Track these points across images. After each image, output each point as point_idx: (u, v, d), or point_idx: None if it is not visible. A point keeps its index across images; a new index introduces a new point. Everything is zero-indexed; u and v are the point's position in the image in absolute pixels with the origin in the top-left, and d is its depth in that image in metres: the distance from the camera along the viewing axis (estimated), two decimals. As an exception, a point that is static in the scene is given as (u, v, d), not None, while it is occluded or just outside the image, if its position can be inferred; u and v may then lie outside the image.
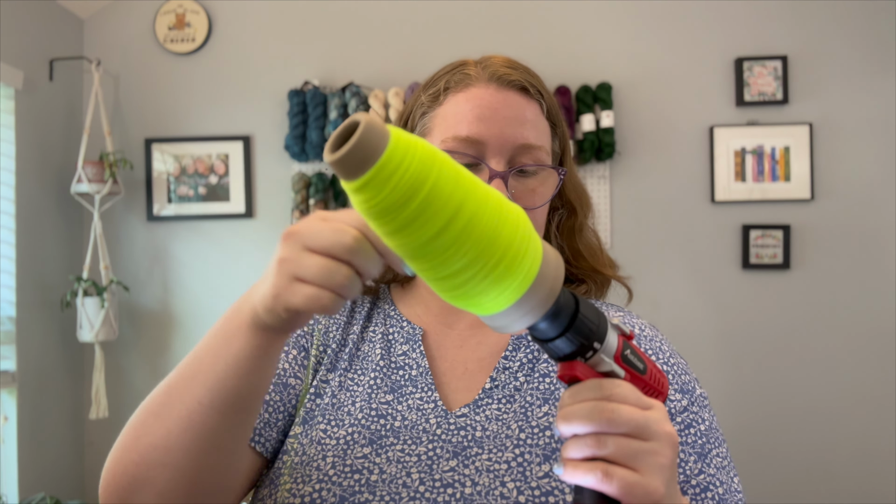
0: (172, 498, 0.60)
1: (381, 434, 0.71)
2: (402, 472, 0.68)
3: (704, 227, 2.62)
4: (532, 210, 0.75)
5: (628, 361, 0.52)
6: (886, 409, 2.54)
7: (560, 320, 0.48)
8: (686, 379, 0.76)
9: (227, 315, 0.59)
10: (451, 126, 0.76)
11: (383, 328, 0.81)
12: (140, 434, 0.60)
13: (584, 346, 0.49)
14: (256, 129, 2.71)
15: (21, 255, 2.34)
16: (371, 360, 0.78)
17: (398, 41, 2.70)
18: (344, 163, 0.40)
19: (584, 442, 0.48)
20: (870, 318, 2.56)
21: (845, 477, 2.54)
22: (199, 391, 0.58)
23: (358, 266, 0.49)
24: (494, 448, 0.69)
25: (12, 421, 2.28)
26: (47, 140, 2.52)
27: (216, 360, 0.57)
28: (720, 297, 2.61)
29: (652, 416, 0.49)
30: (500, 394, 0.73)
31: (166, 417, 0.59)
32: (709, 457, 0.71)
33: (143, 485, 0.60)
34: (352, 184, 0.41)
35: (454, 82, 0.81)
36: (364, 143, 0.39)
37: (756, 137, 2.59)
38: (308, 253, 0.49)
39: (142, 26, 2.73)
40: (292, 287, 0.50)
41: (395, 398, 0.74)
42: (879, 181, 2.56)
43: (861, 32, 2.58)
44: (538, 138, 0.76)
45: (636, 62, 2.64)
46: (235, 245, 2.71)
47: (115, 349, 2.67)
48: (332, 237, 0.49)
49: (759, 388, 2.58)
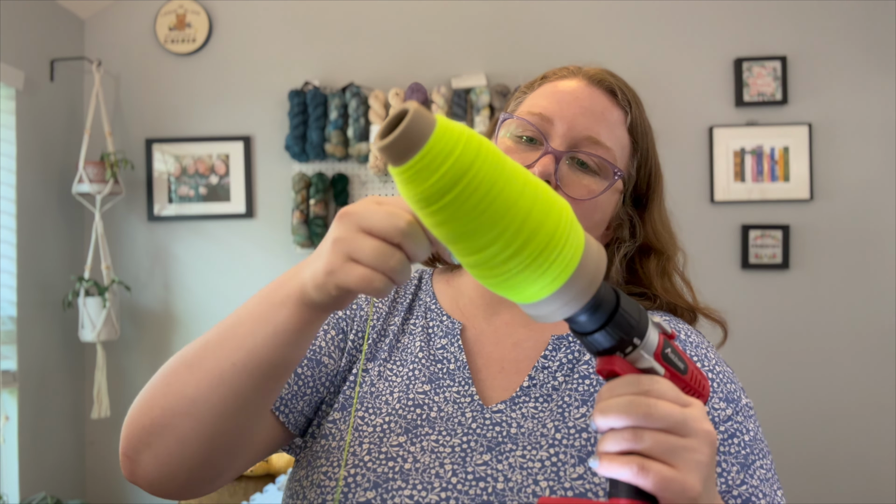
0: (190, 447, 0.62)
1: (416, 423, 0.71)
2: (436, 462, 0.68)
3: (704, 227, 2.62)
4: (577, 202, 0.74)
5: (668, 360, 0.51)
6: (886, 409, 2.54)
7: (600, 313, 0.48)
8: (731, 388, 0.74)
9: (271, 286, 0.60)
10: (531, 104, 0.78)
11: (424, 321, 0.81)
12: (171, 381, 0.62)
13: (624, 341, 0.48)
14: (257, 130, 2.72)
15: (22, 255, 2.34)
16: (410, 353, 0.78)
17: (398, 41, 2.70)
18: (392, 148, 0.41)
19: (620, 436, 0.48)
20: (869, 318, 2.56)
21: (845, 477, 2.54)
22: (234, 353, 0.60)
23: (409, 250, 0.51)
24: (529, 446, 0.68)
25: (13, 421, 2.29)
26: (48, 140, 2.53)
27: (256, 326, 0.59)
28: (719, 297, 2.58)
29: (690, 413, 0.49)
30: (537, 392, 0.73)
31: (198, 371, 0.61)
32: (752, 468, 0.69)
33: (165, 429, 0.61)
34: (399, 169, 0.42)
35: (552, 74, 0.82)
36: (411, 129, 0.41)
37: (755, 138, 2.59)
38: (363, 234, 0.51)
39: (142, 27, 2.74)
40: (346, 266, 0.51)
41: (432, 389, 0.74)
42: (879, 181, 2.57)
43: (861, 33, 2.58)
44: (609, 139, 0.76)
45: (636, 62, 2.64)
46: (236, 245, 2.71)
47: (116, 349, 2.68)
48: (387, 220, 0.50)
49: (758, 387, 2.58)
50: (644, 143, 0.81)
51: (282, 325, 0.58)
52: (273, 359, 0.59)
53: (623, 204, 0.81)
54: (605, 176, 0.76)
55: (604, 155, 0.75)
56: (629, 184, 0.80)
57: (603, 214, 0.78)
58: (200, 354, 0.62)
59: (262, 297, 0.60)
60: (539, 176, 0.72)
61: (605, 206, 0.78)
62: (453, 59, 2.66)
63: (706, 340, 0.81)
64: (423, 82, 2.62)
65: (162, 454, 0.62)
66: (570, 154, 0.74)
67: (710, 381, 0.73)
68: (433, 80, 2.64)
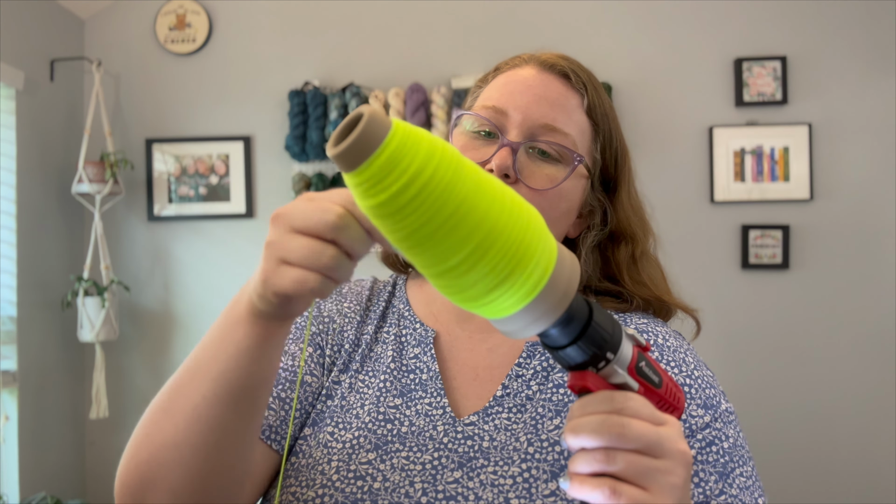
0: (184, 496, 0.59)
1: (387, 440, 0.70)
2: (406, 480, 0.67)
3: (704, 227, 2.62)
4: (540, 192, 0.71)
5: (643, 374, 0.49)
6: (886, 409, 2.54)
7: (572, 327, 0.45)
8: (711, 393, 0.71)
9: (227, 308, 0.58)
10: (485, 98, 0.76)
11: (397, 329, 0.79)
12: (150, 432, 0.60)
13: (597, 356, 0.46)
14: (257, 130, 2.72)
15: (22, 255, 2.34)
16: (382, 362, 0.76)
17: (398, 41, 2.70)
18: (344, 157, 0.39)
19: (592, 456, 0.46)
20: (869, 318, 2.56)
21: (845, 477, 2.54)
22: (203, 385, 0.57)
23: (344, 245, 0.48)
24: (501, 461, 0.67)
25: (13, 421, 2.29)
26: (48, 140, 2.53)
27: (218, 352, 0.57)
28: (719, 298, 2.61)
29: (665, 432, 0.47)
30: (510, 402, 0.71)
31: (173, 413, 0.59)
32: (731, 476, 0.67)
33: (155, 483, 0.59)
34: (351, 177, 0.40)
35: (505, 65, 0.80)
36: (365, 135, 0.39)
37: (755, 138, 2.59)
38: (293, 234, 0.48)
39: (142, 27, 2.74)
40: (279, 271, 0.49)
41: (403, 402, 0.72)
42: (879, 181, 2.57)
43: (861, 32, 2.58)
44: (567, 125, 0.73)
45: (636, 62, 2.64)
46: (236, 245, 2.71)
47: (115, 349, 2.68)
48: (316, 216, 0.47)
49: (758, 388, 2.58)
50: (605, 125, 0.78)
51: (242, 345, 0.55)
52: (241, 381, 0.57)
53: (593, 189, 0.78)
54: (566, 163, 0.73)
55: (562, 141, 0.72)
56: (595, 168, 0.78)
57: (570, 203, 0.75)
58: (172, 396, 0.59)
59: (218, 322, 0.58)
60: (497, 169, 0.70)
61: (572, 194, 0.75)
62: (453, 59, 2.66)
63: (685, 343, 0.78)
64: (423, 82, 2.62)
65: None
66: (527, 144, 0.72)
67: (689, 386, 0.71)
68: (433, 80, 2.64)
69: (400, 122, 0.40)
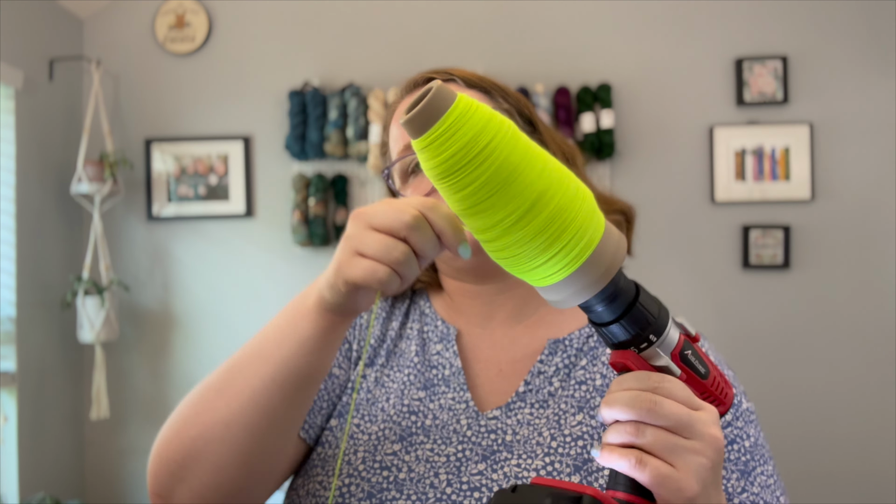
0: (227, 474, 0.62)
1: (411, 431, 0.71)
2: (431, 472, 0.68)
3: (704, 227, 2.62)
4: None
5: (687, 362, 0.51)
6: (886, 409, 2.54)
7: (616, 305, 0.47)
8: None
9: (293, 301, 0.62)
10: (392, 144, 0.78)
11: (419, 325, 0.81)
12: (200, 410, 0.62)
13: (639, 336, 0.48)
14: (256, 129, 2.71)
15: (21, 255, 2.34)
16: (407, 357, 0.78)
17: (398, 41, 2.70)
18: (414, 122, 0.43)
19: (623, 428, 0.48)
20: (870, 318, 2.56)
21: (845, 477, 2.54)
22: (264, 369, 0.61)
23: (415, 244, 0.53)
24: (524, 454, 0.68)
25: (12, 421, 2.28)
26: (47, 140, 2.52)
27: (283, 340, 0.61)
28: (720, 298, 2.60)
29: (698, 416, 0.48)
30: (533, 398, 0.72)
31: (229, 394, 0.62)
32: (752, 475, 0.68)
33: (199, 459, 0.61)
34: (418, 140, 0.44)
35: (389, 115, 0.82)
36: (432, 103, 0.43)
37: (756, 137, 2.59)
38: (370, 231, 0.53)
39: (142, 26, 2.73)
40: (353, 261, 0.54)
41: (427, 396, 0.74)
42: (879, 181, 2.56)
43: (861, 32, 2.58)
44: None
45: (636, 62, 2.64)
46: (235, 245, 2.71)
47: (115, 349, 2.67)
48: (392, 215, 0.53)
49: (758, 388, 2.58)
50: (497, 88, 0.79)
51: (306, 333, 0.60)
52: (302, 369, 0.61)
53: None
54: None
55: None
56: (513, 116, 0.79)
57: None
58: (229, 377, 0.63)
59: (286, 310, 0.62)
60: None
61: None
62: (453, 59, 2.66)
63: (706, 342, 0.80)
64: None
65: (197, 487, 0.62)
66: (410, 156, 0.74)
67: None
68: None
69: (464, 95, 0.44)
